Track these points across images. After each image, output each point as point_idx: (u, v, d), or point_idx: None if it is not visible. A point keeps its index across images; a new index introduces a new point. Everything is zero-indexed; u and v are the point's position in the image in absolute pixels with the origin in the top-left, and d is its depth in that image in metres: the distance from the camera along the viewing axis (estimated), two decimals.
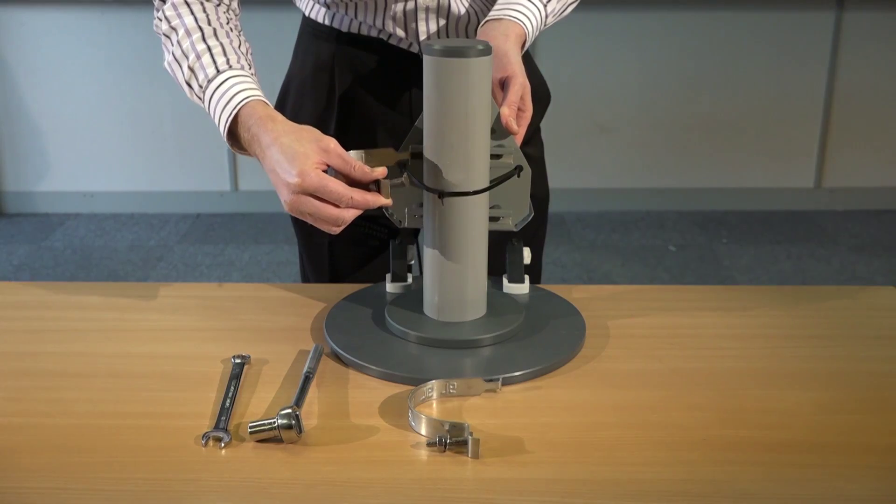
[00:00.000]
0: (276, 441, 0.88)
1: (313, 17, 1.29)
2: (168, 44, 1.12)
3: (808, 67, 3.76)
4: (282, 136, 1.00)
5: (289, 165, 0.98)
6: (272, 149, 1.00)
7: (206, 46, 1.09)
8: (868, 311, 1.19)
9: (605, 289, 1.25)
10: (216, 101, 1.07)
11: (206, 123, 4.28)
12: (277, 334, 1.11)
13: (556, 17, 1.23)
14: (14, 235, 3.68)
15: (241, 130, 1.05)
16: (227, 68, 1.08)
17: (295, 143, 0.99)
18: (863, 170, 3.90)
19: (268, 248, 3.53)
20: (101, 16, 3.66)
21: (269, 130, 1.02)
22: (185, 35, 1.10)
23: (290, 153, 0.99)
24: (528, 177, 1.09)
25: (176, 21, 1.11)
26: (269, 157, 1.01)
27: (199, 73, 1.08)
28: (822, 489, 0.82)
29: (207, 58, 1.08)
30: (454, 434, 0.87)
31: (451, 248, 1.06)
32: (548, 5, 1.19)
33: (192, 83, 1.10)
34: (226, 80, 1.07)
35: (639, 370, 1.03)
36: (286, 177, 0.98)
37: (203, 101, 1.09)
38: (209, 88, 1.07)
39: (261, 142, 1.02)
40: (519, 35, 1.14)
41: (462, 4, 1.22)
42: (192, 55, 1.09)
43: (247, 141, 1.05)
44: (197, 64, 1.09)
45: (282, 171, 0.99)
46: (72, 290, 1.28)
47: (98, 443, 0.89)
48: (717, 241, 3.60)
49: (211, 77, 1.07)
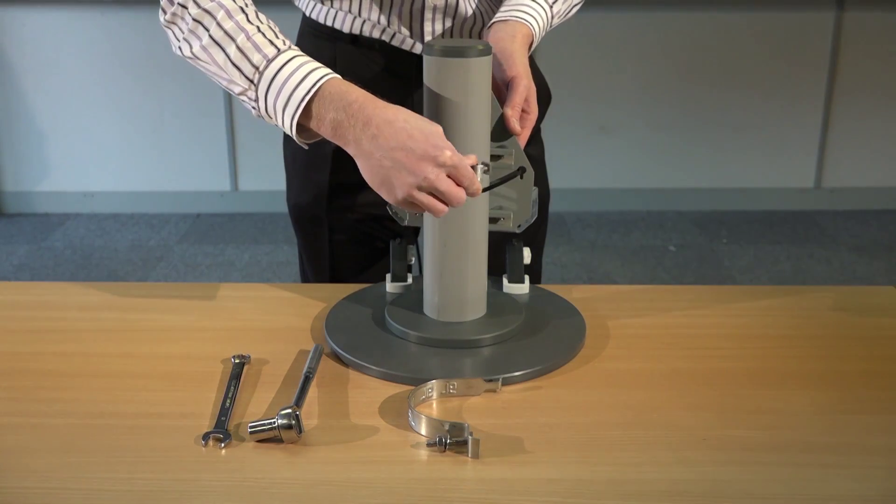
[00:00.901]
0: (276, 441, 0.88)
1: (314, 17, 1.28)
2: (199, 29, 1.01)
3: (808, 67, 3.76)
4: (402, 112, 0.94)
5: (434, 138, 0.93)
6: (396, 124, 0.93)
7: (256, 27, 1.00)
8: (868, 311, 1.19)
9: (605, 289, 1.25)
10: (281, 81, 0.97)
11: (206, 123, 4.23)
12: (277, 334, 1.11)
13: (562, 17, 1.23)
14: (14, 235, 3.68)
15: (329, 110, 0.96)
16: (287, 48, 1.00)
17: (421, 120, 0.94)
18: (863, 170, 3.90)
19: (268, 248, 3.53)
20: (101, 16, 3.66)
21: (384, 106, 0.95)
22: (226, 16, 1.00)
23: (428, 128, 0.93)
24: (532, 178, 1.09)
25: (209, 3, 1.01)
26: (391, 133, 0.93)
27: (251, 54, 0.99)
28: (822, 489, 0.82)
29: (261, 38, 0.99)
30: (454, 434, 0.87)
31: (451, 248, 1.06)
32: (553, 6, 1.18)
33: (241, 66, 0.99)
34: (293, 59, 0.98)
35: (639, 370, 1.03)
36: (432, 151, 0.92)
37: (256, 85, 0.99)
38: (269, 69, 0.98)
39: (374, 117, 0.94)
40: (526, 35, 1.13)
41: (470, 5, 1.22)
42: (242, 36, 0.99)
43: (335, 121, 0.96)
44: (248, 43, 0.99)
45: (424, 143, 0.92)
46: (72, 290, 1.28)
47: (98, 443, 0.89)
48: (717, 241, 3.60)
49: (270, 56, 0.98)
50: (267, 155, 3.73)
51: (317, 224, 1.35)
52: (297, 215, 1.37)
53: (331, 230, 1.34)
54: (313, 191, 1.33)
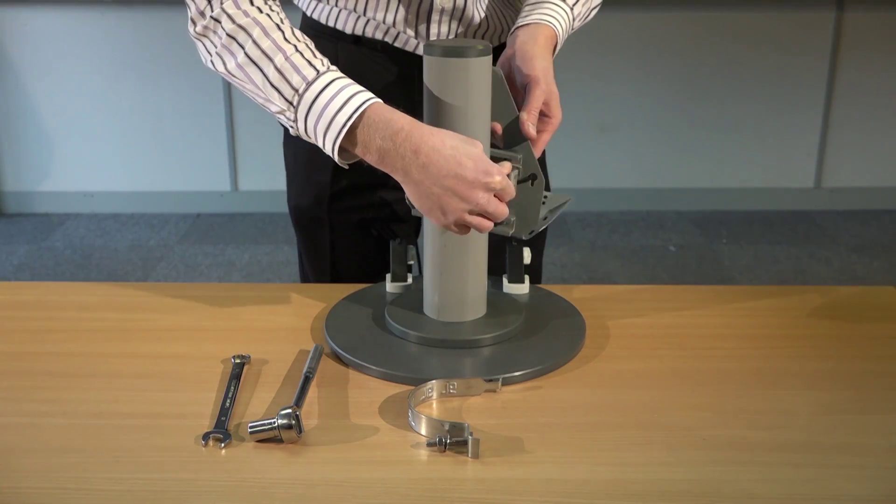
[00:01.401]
0: (276, 441, 0.88)
1: (315, 17, 1.26)
2: (233, 45, 0.99)
3: (808, 67, 3.76)
4: (448, 138, 0.94)
5: (484, 164, 0.94)
6: (446, 151, 0.93)
7: (294, 47, 0.98)
8: (868, 311, 1.19)
9: (605, 289, 1.25)
10: (324, 103, 0.95)
11: (206, 123, 4.22)
12: (277, 334, 1.11)
13: (582, 20, 1.21)
14: (14, 235, 3.68)
15: (375, 138, 0.94)
16: (326, 69, 0.97)
17: (466, 143, 0.94)
18: (863, 170, 3.90)
19: (268, 248, 3.54)
20: (101, 16, 3.66)
21: (430, 133, 0.94)
22: (261, 35, 0.97)
23: (475, 154, 0.94)
24: (542, 187, 1.06)
25: (245, 20, 0.98)
26: (446, 160, 0.93)
27: (291, 75, 0.96)
28: (822, 489, 0.82)
29: (299, 58, 0.97)
30: (454, 434, 0.87)
31: (451, 248, 1.06)
32: (574, 7, 1.17)
33: (279, 86, 0.97)
34: (334, 81, 0.96)
35: (639, 370, 1.03)
36: (483, 178, 0.93)
37: (295, 107, 0.97)
38: (310, 91, 0.96)
39: (423, 144, 0.93)
40: (548, 37, 1.11)
41: (479, 10, 1.20)
42: (280, 56, 0.97)
43: (383, 150, 0.94)
44: (286, 64, 0.97)
45: (474, 172, 0.93)
46: (72, 290, 1.28)
47: (98, 443, 0.89)
48: (717, 241, 3.60)
49: (311, 79, 0.96)
50: (267, 155, 3.74)
51: (317, 225, 1.34)
52: (298, 216, 1.37)
53: (331, 231, 1.34)
54: (314, 192, 1.32)
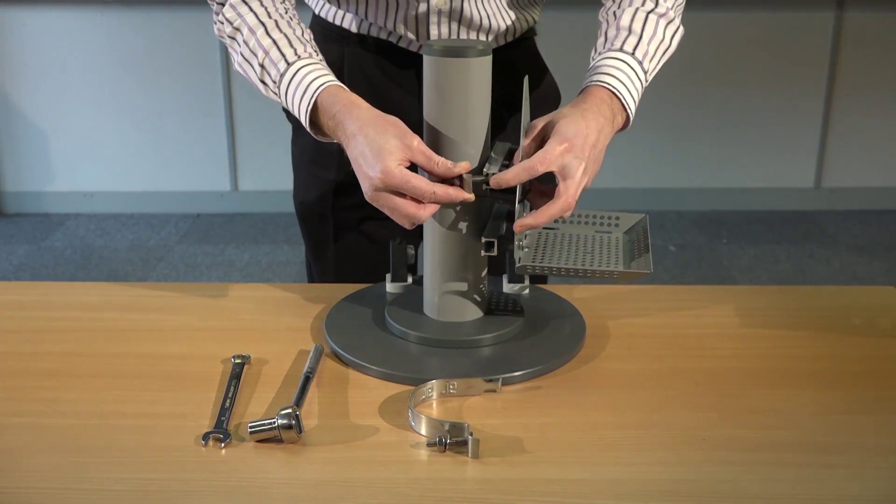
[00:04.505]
0: (276, 441, 0.88)
1: (323, 15, 1.29)
2: (235, 46, 1.11)
3: (808, 67, 3.76)
4: (366, 127, 1.00)
5: (373, 160, 0.97)
6: (357, 139, 1.00)
7: (272, 41, 1.08)
8: (868, 311, 1.19)
9: (605, 289, 1.25)
10: (292, 93, 1.06)
11: (206, 123, 4.23)
12: (277, 334, 1.11)
13: (658, 66, 1.20)
14: (14, 235, 3.68)
15: (324, 118, 1.04)
16: (297, 59, 1.07)
17: (380, 137, 0.98)
18: (863, 170, 3.90)
19: (268, 248, 3.53)
20: (101, 16, 3.66)
21: (354, 118, 1.01)
22: (249, 34, 1.09)
23: (375, 147, 0.98)
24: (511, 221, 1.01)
25: (238, 21, 1.10)
26: (353, 146, 1.00)
27: (270, 69, 1.08)
28: (822, 489, 0.82)
29: (275, 52, 1.07)
30: (454, 434, 0.87)
31: (451, 248, 1.06)
32: (645, 60, 1.16)
33: (265, 80, 1.09)
34: (298, 71, 1.06)
35: (639, 370, 1.03)
36: (369, 171, 0.98)
37: (280, 97, 1.08)
38: (283, 82, 1.07)
39: (346, 129, 1.01)
40: (599, 99, 1.08)
41: (477, 9, 1.21)
42: (261, 52, 1.08)
43: (331, 128, 1.04)
44: (266, 60, 1.08)
45: (365, 164, 0.98)
46: (72, 290, 1.28)
47: (98, 443, 0.89)
48: (717, 241, 3.60)
49: (283, 71, 1.06)
50: (267, 155, 3.73)
51: (322, 221, 1.35)
52: (303, 212, 1.38)
53: (335, 227, 1.34)
54: (319, 188, 1.33)
